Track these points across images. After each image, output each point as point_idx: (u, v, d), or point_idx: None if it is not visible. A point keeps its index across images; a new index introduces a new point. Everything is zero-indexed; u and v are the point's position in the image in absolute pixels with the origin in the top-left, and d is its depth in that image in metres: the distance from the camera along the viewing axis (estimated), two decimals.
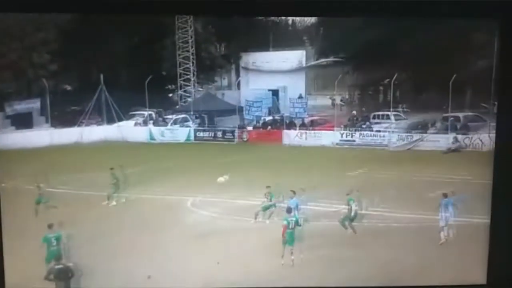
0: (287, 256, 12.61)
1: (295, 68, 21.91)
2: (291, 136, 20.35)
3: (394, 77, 20.12)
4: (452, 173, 16.16)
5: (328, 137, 20.02)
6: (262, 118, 21.00)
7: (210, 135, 20.82)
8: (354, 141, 19.65)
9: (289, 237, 12.76)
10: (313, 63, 22.05)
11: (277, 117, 21.09)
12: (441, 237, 13.53)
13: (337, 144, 19.79)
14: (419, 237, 13.65)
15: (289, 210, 13.11)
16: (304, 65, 21.86)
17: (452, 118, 19.52)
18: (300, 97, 20.76)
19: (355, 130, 19.94)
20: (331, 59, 21.62)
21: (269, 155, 19.03)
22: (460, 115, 19.66)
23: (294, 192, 14.03)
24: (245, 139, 20.66)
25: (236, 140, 20.68)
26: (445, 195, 14.00)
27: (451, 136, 18.89)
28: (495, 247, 7.88)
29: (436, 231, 13.71)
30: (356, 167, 17.31)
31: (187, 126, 20.90)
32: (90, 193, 15.25)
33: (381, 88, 21.39)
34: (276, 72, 21.79)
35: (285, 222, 12.83)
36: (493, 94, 18.16)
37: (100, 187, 15.22)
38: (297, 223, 12.90)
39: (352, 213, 14.12)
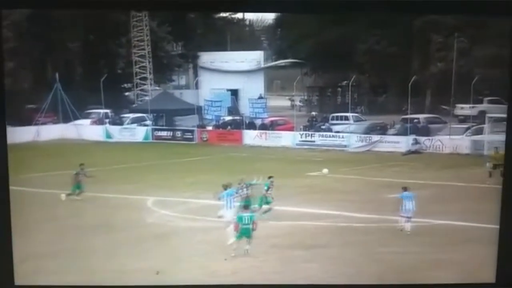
0: (241, 247, 12.69)
1: (254, 69, 22.15)
2: (251, 136, 20.58)
3: (352, 79, 20.53)
4: (412, 174, 16.64)
5: (288, 138, 20.34)
6: (222, 118, 21.12)
7: (169, 134, 20.84)
8: (313, 141, 19.98)
9: (245, 232, 12.98)
10: (271, 64, 22.33)
11: (237, 117, 21.23)
12: (407, 228, 13.96)
13: (297, 144, 20.12)
14: (378, 235, 14.03)
15: (246, 207, 13.22)
16: (262, 65, 22.10)
17: (414, 120, 20.02)
18: (260, 97, 21.00)
19: (315, 131, 20.28)
20: (289, 60, 21.94)
21: (229, 155, 19.19)
22: (420, 117, 20.16)
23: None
24: (205, 139, 20.75)
25: (196, 140, 20.77)
26: (404, 189, 14.48)
27: (410, 137, 19.35)
28: (504, 245, 8.11)
29: (396, 230, 14.16)
30: (315, 168, 17.62)
31: (145, 125, 20.86)
32: (47, 191, 15.10)
33: (339, 89, 21.82)
34: (234, 72, 21.98)
35: (237, 220, 13.00)
36: (453, 96, 18.87)
37: (58, 185, 15.07)
38: (251, 219, 13.11)
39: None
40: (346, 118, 20.89)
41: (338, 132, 20.12)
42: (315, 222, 14.89)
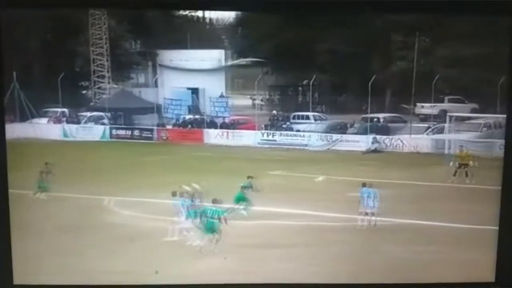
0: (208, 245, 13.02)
1: (215, 67, 21.97)
2: (212, 136, 20.44)
3: (313, 79, 20.54)
4: (372, 173, 16.75)
5: (250, 137, 20.32)
6: (182, 116, 20.89)
7: (127, 133, 20.57)
8: (275, 140, 19.98)
9: (210, 226, 13.18)
10: (232, 62, 22.18)
11: (197, 116, 21.03)
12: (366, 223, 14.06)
13: (258, 143, 20.11)
14: (345, 234, 14.14)
15: (214, 201, 13.51)
16: (223, 64, 21.93)
17: (374, 119, 20.11)
18: (221, 96, 20.84)
19: (276, 130, 20.25)
20: (250, 59, 21.83)
21: (191, 154, 19.07)
22: (380, 116, 20.25)
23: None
24: (165, 138, 20.54)
25: (155, 138, 20.54)
26: (364, 185, 14.62)
27: (370, 136, 19.48)
28: (504, 245, 8.22)
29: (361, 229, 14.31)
30: (277, 167, 17.64)
31: (103, 124, 20.53)
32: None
33: (300, 89, 21.80)
34: (195, 70, 21.77)
35: (202, 213, 13.27)
36: (413, 95, 19.04)
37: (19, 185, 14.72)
38: (219, 213, 13.09)
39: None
40: (307, 117, 20.93)
41: (299, 131, 20.16)
42: (279, 221, 14.97)
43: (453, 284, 10.54)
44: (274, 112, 21.28)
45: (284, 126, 20.51)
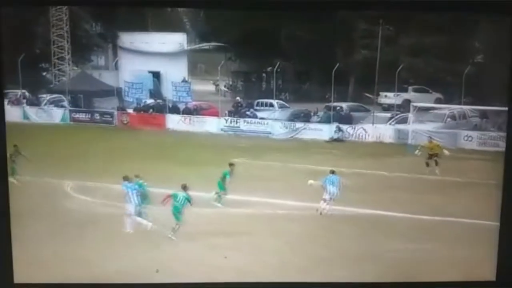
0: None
1: (176, 51, 21.65)
2: (175, 121, 20.18)
3: (277, 65, 20.44)
4: (335, 161, 16.74)
5: (213, 123, 20.09)
6: (144, 101, 20.57)
7: (87, 116, 20.15)
8: (238, 127, 19.82)
9: (176, 210, 13.18)
10: (195, 47, 21.88)
11: (159, 100, 20.72)
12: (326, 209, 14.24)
13: (221, 130, 19.90)
14: (302, 223, 14.10)
15: (184, 187, 13.36)
16: (185, 48, 21.63)
17: (337, 108, 20.11)
18: (184, 81, 20.58)
19: (240, 117, 20.10)
20: (213, 43, 21.57)
21: (152, 140, 18.81)
22: (343, 104, 20.27)
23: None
24: (125, 122, 20.19)
25: (116, 123, 20.18)
26: (332, 172, 14.65)
27: (333, 125, 19.46)
28: (504, 243, 8.27)
29: (319, 217, 14.31)
30: (240, 154, 17.49)
31: (62, 107, 20.05)
32: None
33: (264, 75, 21.67)
34: (156, 54, 21.41)
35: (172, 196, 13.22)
36: (377, 84, 19.10)
37: None
38: (188, 200, 13.19)
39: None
40: (271, 105, 20.84)
41: (262, 118, 20.02)
42: (239, 209, 14.89)
43: (453, 283, 10.62)
44: (238, 98, 21.10)
45: (248, 113, 20.35)
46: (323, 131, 19.49)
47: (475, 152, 17.38)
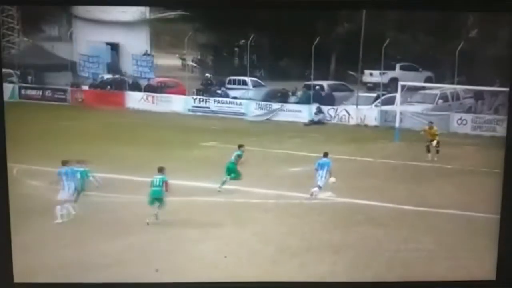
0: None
1: (138, 21, 21.39)
2: (136, 99, 20.07)
3: (251, 38, 20.35)
4: (315, 146, 16.86)
5: (180, 102, 20.02)
6: (100, 76, 20.34)
7: (38, 93, 19.95)
8: (208, 107, 19.77)
9: (155, 194, 14.00)
10: (158, 15, 21.67)
11: (118, 76, 20.52)
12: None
13: (189, 110, 19.82)
14: (277, 212, 14.27)
15: (160, 170, 14.09)
16: (147, 17, 21.40)
17: (317, 87, 20.13)
18: (146, 54, 20.39)
19: (209, 96, 20.03)
20: (178, 12, 21.37)
21: (109, 121, 18.70)
22: (324, 83, 20.31)
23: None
24: (80, 100, 20.00)
25: (69, 101, 19.97)
26: (325, 155, 14.84)
27: (313, 106, 19.55)
28: (505, 242, 8.63)
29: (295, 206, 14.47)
30: (210, 138, 17.53)
31: (11, 82, 19.75)
32: None
33: (236, 49, 21.55)
34: (114, 23, 21.15)
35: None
36: (361, 61, 19.14)
37: None
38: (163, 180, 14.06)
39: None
40: (244, 83, 20.78)
41: (235, 98, 20.03)
42: (209, 198, 15.01)
43: (453, 282, 10.96)
44: (207, 75, 21.01)
45: (218, 91, 20.32)
46: (302, 113, 19.57)
47: (469, 137, 17.66)
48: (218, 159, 16.48)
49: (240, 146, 16.08)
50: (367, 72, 20.16)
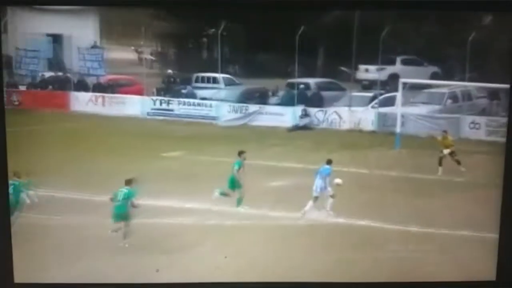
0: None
1: (84, 8, 21.59)
2: (82, 101, 20.26)
3: (222, 27, 20.52)
4: (300, 156, 17.18)
5: (136, 105, 20.29)
6: (40, 74, 20.48)
7: None
8: (171, 110, 19.98)
9: (118, 210, 14.47)
10: (109, 0, 21.89)
11: (61, 73, 20.65)
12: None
13: (148, 114, 20.10)
14: (258, 236, 14.55)
15: (127, 182, 14.67)
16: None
17: (302, 85, 20.49)
18: (95, 46, 20.55)
19: (173, 96, 20.19)
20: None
21: (51, 127, 18.72)
22: (311, 81, 20.63)
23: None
24: (16, 103, 20.08)
25: (4, 103, 20.02)
26: (329, 162, 15.18)
27: (298, 108, 19.90)
28: (505, 242, 9.38)
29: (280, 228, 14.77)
30: (174, 147, 17.72)
31: None
32: None
33: (205, 40, 21.75)
34: (57, 11, 21.35)
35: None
36: (354, 54, 19.39)
37: None
38: (131, 195, 14.57)
39: None
40: (215, 81, 21.04)
41: (204, 99, 20.30)
42: (175, 219, 15.19)
43: (452, 282, 11.55)
44: (170, 71, 21.20)
45: (184, 91, 20.55)
46: (285, 116, 19.90)
47: (483, 144, 17.86)
48: (184, 173, 16.68)
49: (240, 153, 16.44)
50: (362, 67, 20.38)
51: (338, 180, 15.79)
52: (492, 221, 12.76)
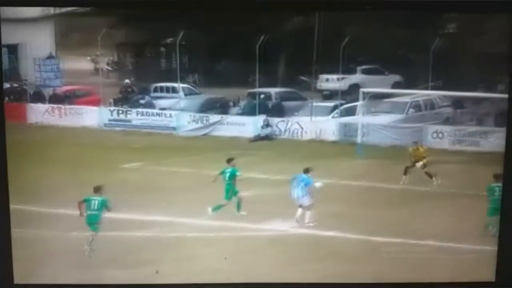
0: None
1: (40, 16, 21.36)
2: (39, 112, 19.98)
3: (181, 36, 20.45)
4: (263, 167, 17.14)
5: (93, 115, 20.09)
6: None
7: None
8: (130, 121, 19.81)
9: (92, 220, 14.48)
10: (65, 10, 21.67)
11: (16, 84, 20.36)
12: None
13: (106, 125, 19.89)
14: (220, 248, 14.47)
15: (96, 190, 14.72)
16: (52, 12, 21.38)
17: (263, 95, 20.46)
18: (51, 57, 20.34)
19: (131, 107, 20.06)
20: (88, 6, 21.42)
21: (8, 140, 18.42)
22: (272, 91, 20.64)
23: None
24: None
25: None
26: (306, 170, 15.15)
27: (260, 118, 19.86)
28: (504, 243, 9.48)
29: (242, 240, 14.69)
30: (132, 158, 17.58)
31: None
32: None
33: (163, 50, 21.66)
34: (12, 20, 21.03)
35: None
36: (315, 63, 19.41)
37: None
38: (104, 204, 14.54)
39: None
40: (174, 90, 20.90)
41: (163, 109, 20.13)
42: (135, 232, 15.05)
43: (452, 283, 11.63)
44: (127, 81, 21.05)
45: (142, 101, 20.40)
46: (247, 127, 19.86)
47: (448, 153, 18.13)
48: (144, 184, 16.55)
49: (229, 161, 16.40)
50: (322, 77, 20.42)
51: (318, 184, 15.79)
52: (459, 230, 12.89)
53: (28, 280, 12.46)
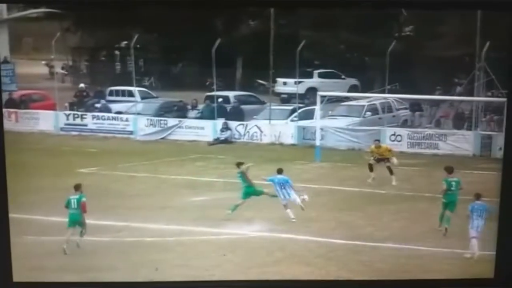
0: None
1: None
2: None
3: (135, 39, 20.37)
4: (223, 170, 17.16)
5: (49, 120, 20.06)
6: None
7: None
8: (85, 125, 19.71)
9: (74, 218, 14.29)
10: (18, 14, 21.52)
11: None
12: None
13: (61, 129, 19.82)
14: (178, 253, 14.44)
15: (77, 188, 14.41)
16: (5, 16, 21.22)
17: (221, 99, 20.46)
18: (5, 61, 20.15)
19: (86, 111, 19.93)
20: (42, 10, 21.29)
21: None
22: (230, 94, 20.71)
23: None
24: None
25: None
26: (280, 171, 15.21)
27: (219, 122, 19.90)
28: (503, 240, 9.71)
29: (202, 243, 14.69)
30: (89, 162, 17.48)
31: None
32: None
33: (118, 53, 21.56)
34: None
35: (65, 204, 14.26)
36: (272, 67, 19.46)
37: None
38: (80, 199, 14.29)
39: None
40: (130, 94, 20.81)
41: (119, 112, 20.02)
42: (90, 236, 14.90)
43: (451, 280, 11.79)
44: (82, 85, 20.94)
45: (97, 105, 20.28)
46: (205, 130, 19.92)
47: (406, 156, 18.24)
48: (101, 189, 16.44)
49: (239, 165, 16.14)
50: (279, 80, 20.51)
51: (305, 197, 15.80)
52: (417, 232, 13.04)
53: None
